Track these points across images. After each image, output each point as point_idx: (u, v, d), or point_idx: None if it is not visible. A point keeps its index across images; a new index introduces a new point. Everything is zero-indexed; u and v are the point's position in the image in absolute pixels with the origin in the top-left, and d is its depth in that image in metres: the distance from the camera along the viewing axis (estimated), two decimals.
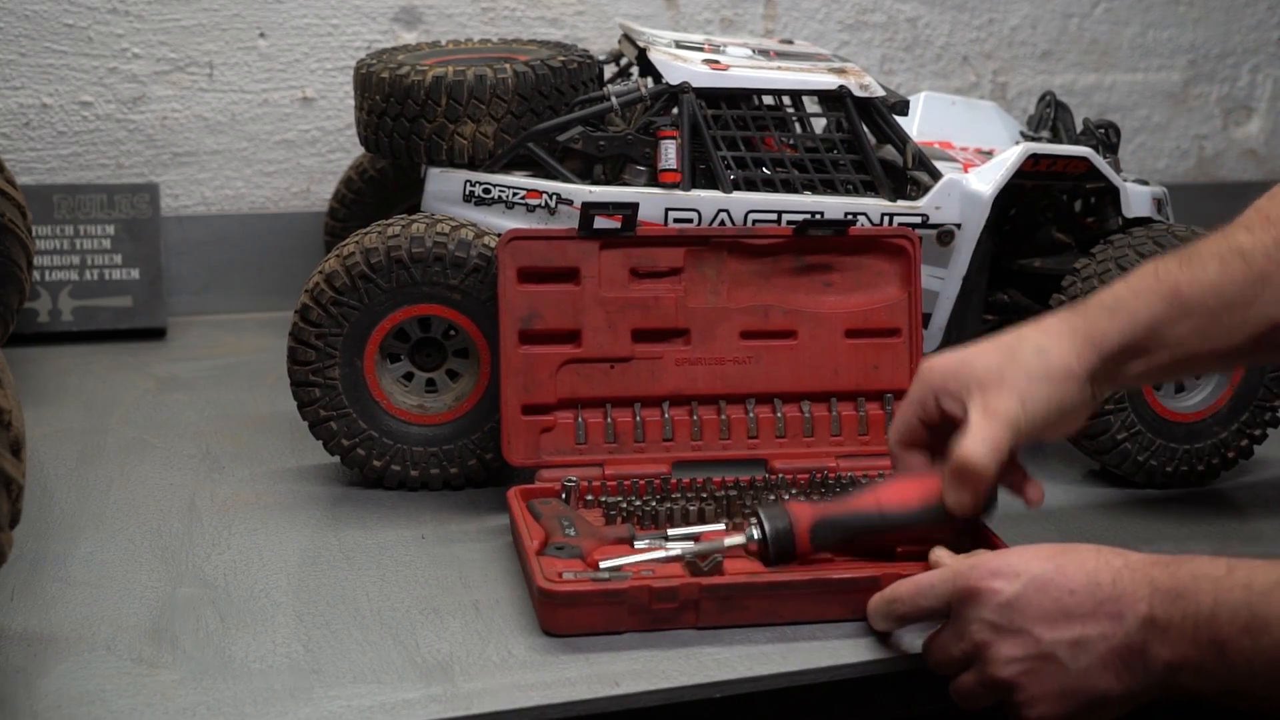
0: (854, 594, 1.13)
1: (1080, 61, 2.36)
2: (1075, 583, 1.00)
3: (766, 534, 1.13)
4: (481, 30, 2.01)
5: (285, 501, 1.35)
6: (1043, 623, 1.00)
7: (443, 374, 1.39)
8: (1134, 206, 1.55)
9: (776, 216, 1.42)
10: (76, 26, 1.85)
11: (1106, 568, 1.00)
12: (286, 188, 1.98)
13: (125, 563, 1.21)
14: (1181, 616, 0.96)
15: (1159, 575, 0.99)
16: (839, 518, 1.15)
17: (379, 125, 1.45)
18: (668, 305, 1.36)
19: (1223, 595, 0.94)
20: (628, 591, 1.10)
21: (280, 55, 1.94)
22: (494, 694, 1.02)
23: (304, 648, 1.08)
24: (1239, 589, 0.94)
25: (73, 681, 1.02)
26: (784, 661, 1.08)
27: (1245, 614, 0.93)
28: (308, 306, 1.34)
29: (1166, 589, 0.97)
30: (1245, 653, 0.93)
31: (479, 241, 1.34)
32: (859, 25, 2.21)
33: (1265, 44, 2.47)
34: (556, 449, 1.34)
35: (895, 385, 1.38)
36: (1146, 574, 0.99)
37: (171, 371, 1.72)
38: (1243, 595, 0.94)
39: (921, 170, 1.47)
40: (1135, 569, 1.00)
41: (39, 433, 1.45)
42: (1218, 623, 0.95)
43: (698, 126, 1.42)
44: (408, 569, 1.22)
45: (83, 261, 1.84)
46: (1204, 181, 2.47)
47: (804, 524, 1.14)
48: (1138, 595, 0.98)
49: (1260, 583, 0.94)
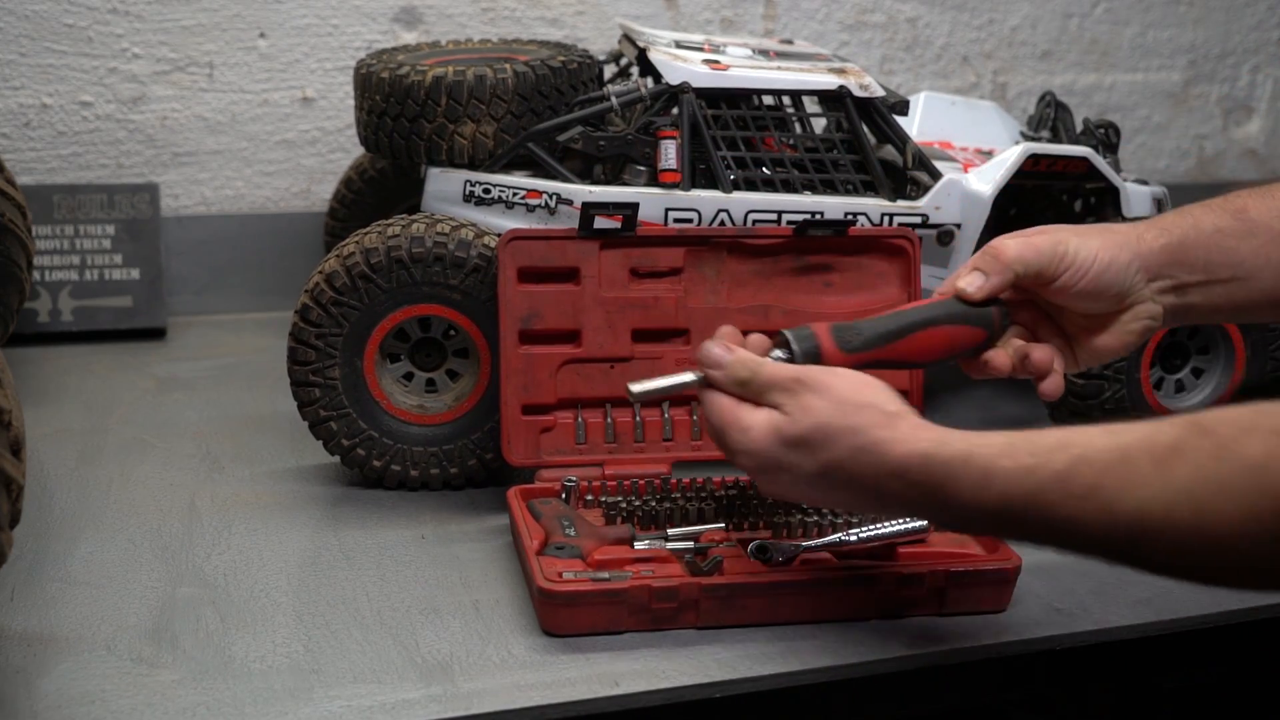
0: (854, 594, 1.13)
1: (1080, 61, 2.36)
2: (839, 482, 1.03)
3: (790, 341, 1.12)
4: (481, 30, 2.01)
5: (285, 501, 1.35)
6: (816, 500, 1.08)
7: (443, 374, 1.39)
8: (1134, 206, 1.55)
9: (776, 216, 1.42)
10: (76, 26, 1.85)
11: (867, 477, 1.01)
12: (286, 188, 1.98)
13: (125, 563, 1.21)
14: (937, 516, 1.05)
15: (917, 486, 0.99)
16: (857, 321, 1.15)
17: (379, 125, 1.45)
18: (668, 305, 1.36)
19: (983, 504, 0.97)
20: (628, 591, 1.10)
21: (280, 55, 1.94)
22: (494, 694, 1.02)
23: (304, 648, 1.08)
24: (996, 498, 0.96)
25: (73, 681, 1.02)
26: (784, 661, 1.08)
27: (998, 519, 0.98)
28: (308, 306, 1.34)
29: (927, 499, 1.00)
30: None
31: (479, 241, 1.34)
32: (859, 25, 2.21)
33: (1265, 44, 2.47)
34: (556, 449, 1.34)
35: (895, 384, 1.36)
36: (905, 483, 1.00)
37: (171, 371, 1.72)
38: (1000, 504, 0.96)
39: (921, 170, 1.47)
40: (893, 476, 1.00)
41: (39, 433, 1.45)
42: (974, 524, 1.04)
43: (698, 126, 1.42)
44: (408, 569, 1.22)
45: (83, 261, 1.84)
46: (1204, 181, 2.47)
47: (824, 329, 1.13)
48: (899, 501, 1.01)
49: (1016, 491, 0.95)
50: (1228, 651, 1.22)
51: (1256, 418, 0.87)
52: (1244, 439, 0.86)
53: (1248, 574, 0.89)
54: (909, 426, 1.01)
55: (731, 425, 1.07)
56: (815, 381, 1.04)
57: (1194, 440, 0.88)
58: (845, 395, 1.03)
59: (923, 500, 1.00)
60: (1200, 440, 0.88)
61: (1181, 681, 1.25)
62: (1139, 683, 1.22)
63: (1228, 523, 0.86)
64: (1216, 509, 0.86)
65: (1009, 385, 1.52)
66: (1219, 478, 0.86)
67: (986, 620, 1.15)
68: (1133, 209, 1.55)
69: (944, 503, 0.98)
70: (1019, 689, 1.16)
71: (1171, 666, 1.21)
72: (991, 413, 1.64)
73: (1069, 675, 1.15)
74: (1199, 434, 0.88)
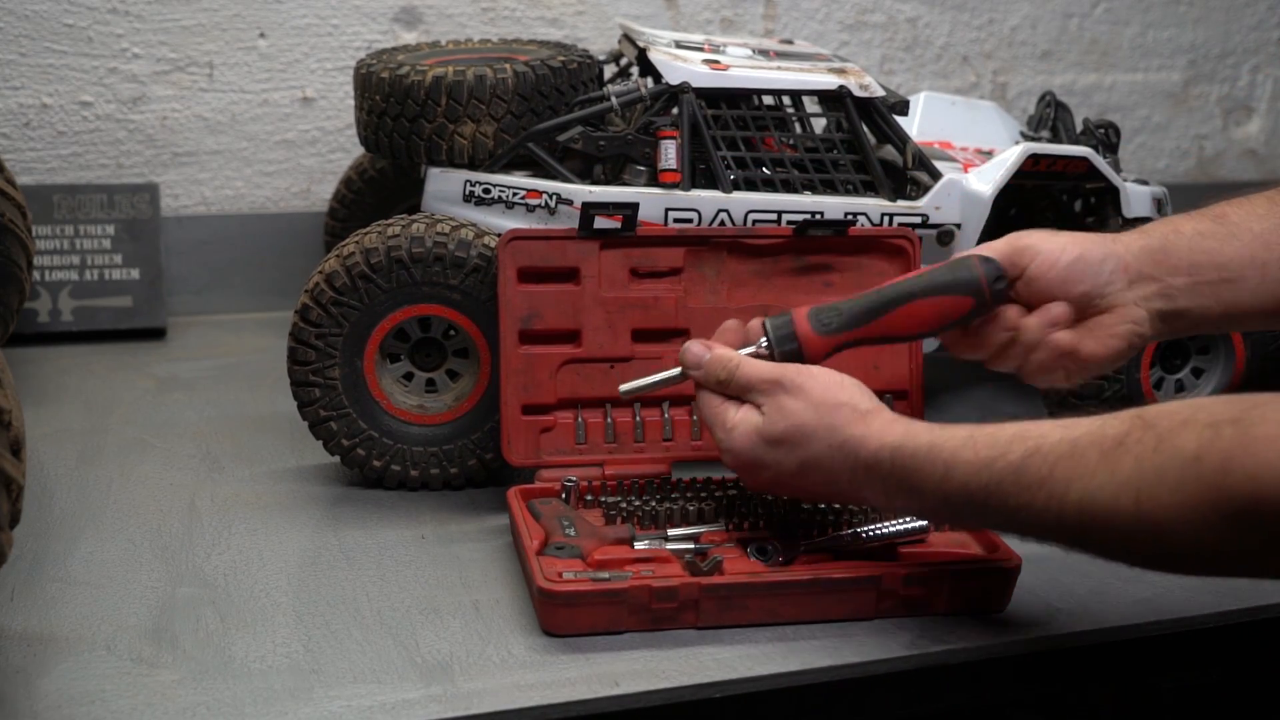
0: (854, 594, 1.13)
1: (1080, 61, 2.36)
2: (818, 479, 1.10)
3: (768, 330, 1.15)
4: (481, 30, 2.01)
5: (285, 501, 1.35)
6: (801, 493, 1.14)
7: (443, 374, 1.39)
8: (1134, 206, 1.55)
9: (776, 216, 1.42)
10: (76, 26, 1.85)
11: (842, 472, 1.08)
12: (286, 188, 1.98)
13: (125, 563, 1.21)
14: (909, 507, 1.09)
15: (888, 480, 1.06)
16: (839, 302, 1.17)
17: (379, 125, 1.45)
18: (668, 305, 1.36)
19: (948, 495, 1.03)
20: (628, 591, 1.10)
21: (280, 55, 1.94)
22: (494, 694, 1.02)
23: (304, 648, 1.08)
24: (957, 490, 1.02)
25: (73, 681, 1.02)
26: (784, 661, 1.08)
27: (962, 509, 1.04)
28: (308, 306, 1.34)
29: (898, 491, 1.06)
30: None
31: (479, 241, 1.34)
32: (859, 25, 2.21)
33: (1265, 44, 2.48)
34: (556, 449, 1.34)
35: (895, 385, 1.38)
36: (877, 477, 1.06)
37: (171, 371, 1.72)
38: (962, 495, 1.02)
39: (921, 170, 1.47)
40: (866, 470, 1.07)
41: (39, 433, 1.45)
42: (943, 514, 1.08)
43: (698, 126, 1.42)
44: (408, 569, 1.22)
45: (83, 261, 1.84)
46: (1204, 181, 2.47)
47: (801, 314, 1.16)
48: (875, 494, 1.08)
49: (975, 483, 1.01)
50: (1228, 651, 1.22)
51: (1194, 412, 0.92)
52: (1181, 431, 0.91)
53: (1190, 560, 0.94)
54: (881, 423, 1.08)
55: (717, 424, 1.14)
56: (791, 383, 1.11)
57: (1137, 433, 0.93)
58: (820, 396, 1.09)
59: (895, 491, 1.06)
60: (1143, 433, 0.93)
61: (1181, 681, 1.25)
62: (1139, 683, 1.22)
63: (1166, 511, 0.90)
64: (1156, 498, 0.91)
65: (1009, 385, 1.52)
66: (1157, 468, 0.91)
67: (986, 620, 1.15)
68: (1133, 209, 1.55)
69: (912, 492, 1.05)
70: (1019, 689, 1.16)
71: (1171, 666, 1.21)
72: (991, 413, 1.64)
73: (1069, 675, 1.15)
74: (1142, 427, 0.93)
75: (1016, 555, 1.16)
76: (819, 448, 1.08)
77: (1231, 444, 0.88)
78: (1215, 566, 0.96)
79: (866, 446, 1.06)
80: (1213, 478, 0.88)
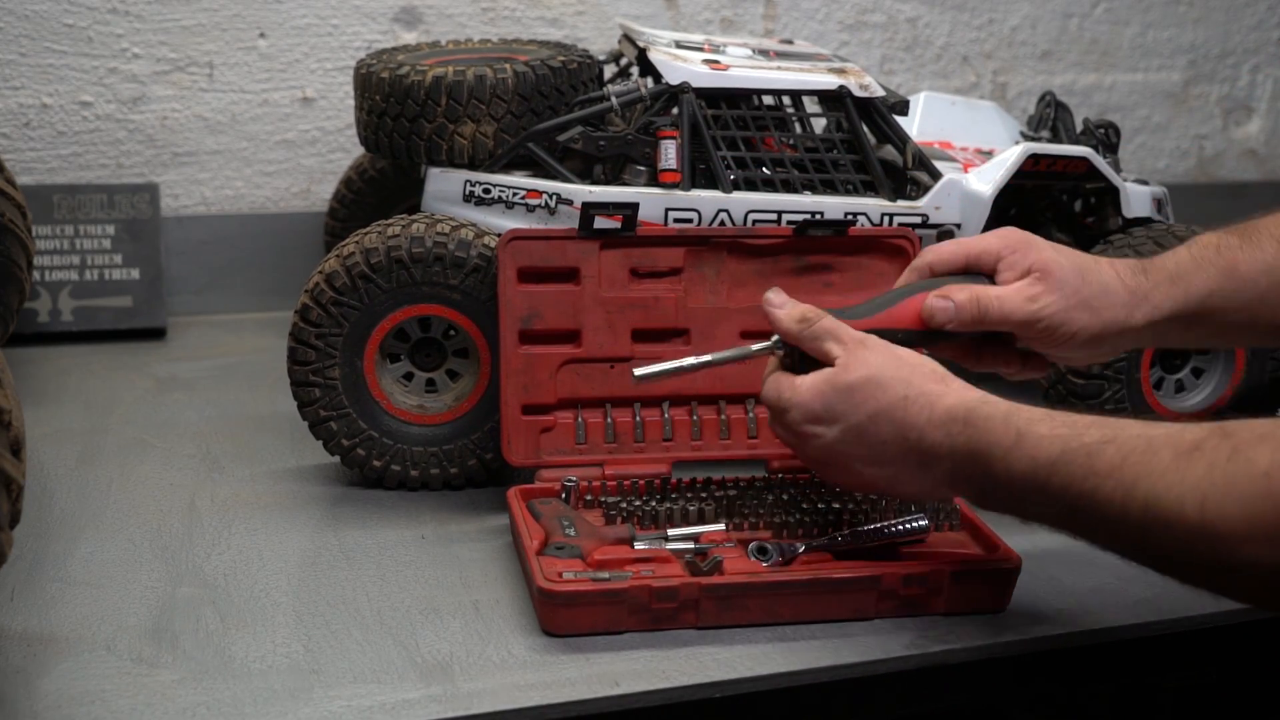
0: (854, 594, 1.13)
1: (1080, 61, 2.36)
2: (885, 433, 1.08)
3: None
4: (481, 30, 2.01)
5: (285, 501, 1.35)
6: (858, 462, 1.11)
7: (443, 374, 1.39)
8: (1134, 206, 1.55)
9: (776, 216, 1.42)
10: (76, 26, 1.85)
11: (913, 425, 1.07)
12: (286, 188, 1.98)
13: (125, 563, 1.21)
14: (971, 476, 1.06)
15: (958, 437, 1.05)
16: (850, 306, 1.19)
17: (379, 125, 1.45)
18: (668, 305, 1.36)
19: (1012, 464, 1.02)
20: (628, 591, 1.10)
21: (280, 55, 1.94)
22: (494, 694, 1.02)
23: (304, 648, 1.08)
24: (1025, 459, 1.01)
25: (73, 681, 1.02)
26: (784, 661, 1.08)
27: (1024, 484, 1.01)
28: (308, 306, 1.34)
29: (964, 451, 1.05)
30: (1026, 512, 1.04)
31: (479, 241, 1.34)
32: (859, 25, 2.21)
33: (1265, 44, 2.48)
34: (556, 449, 1.34)
35: None
36: (947, 433, 1.06)
37: (171, 371, 1.72)
38: (1029, 465, 1.01)
39: (921, 170, 1.47)
40: (937, 425, 1.06)
41: (39, 433, 1.45)
42: (1002, 489, 1.04)
43: (698, 126, 1.42)
44: (408, 569, 1.22)
45: (83, 261, 1.84)
46: (1204, 181, 2.47)
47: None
48: (939, 454, 1.06)
49: (1044, 456, 1.00)
50: (1228, 651, 1.22)
51: (1274, 429, 0.90)
52: (1258, 445, 0.89)
53: (1245, 579, 0.91)
54: (959, 385, 1.09)
55: (784, 384, 1.13)
56: (873, 341, 1.12)
57: (1214, 441, 0.92)
58: (900, 354, 1.11)
59: (961, 455, 1.05)
60: (1220, 442, 0.91)
61: (1181, 681, 1.25)
62: (1139, 683, 1.22)
63: (1229, 523, 0.88)
64: (1221, 508, 0.89)
65: (1009, 386, 1.52)
66: (1227, 478, 0.89)
67: (986, 620, 1.15)
68: (1132, 209, 1.55)
69: (977, 456, 1.04)
70: (1019, 689, 1.16)
71: (1171, 666, 1.21)
72: None
73: (1069, 675, 1.15)
74: (1220, 436, 0.92)
75: (1016, 555, 1.17)
76: (892, 397, 1.08)
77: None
78: (1269, 589, 0.91)
79: (944, 401, 1.06)
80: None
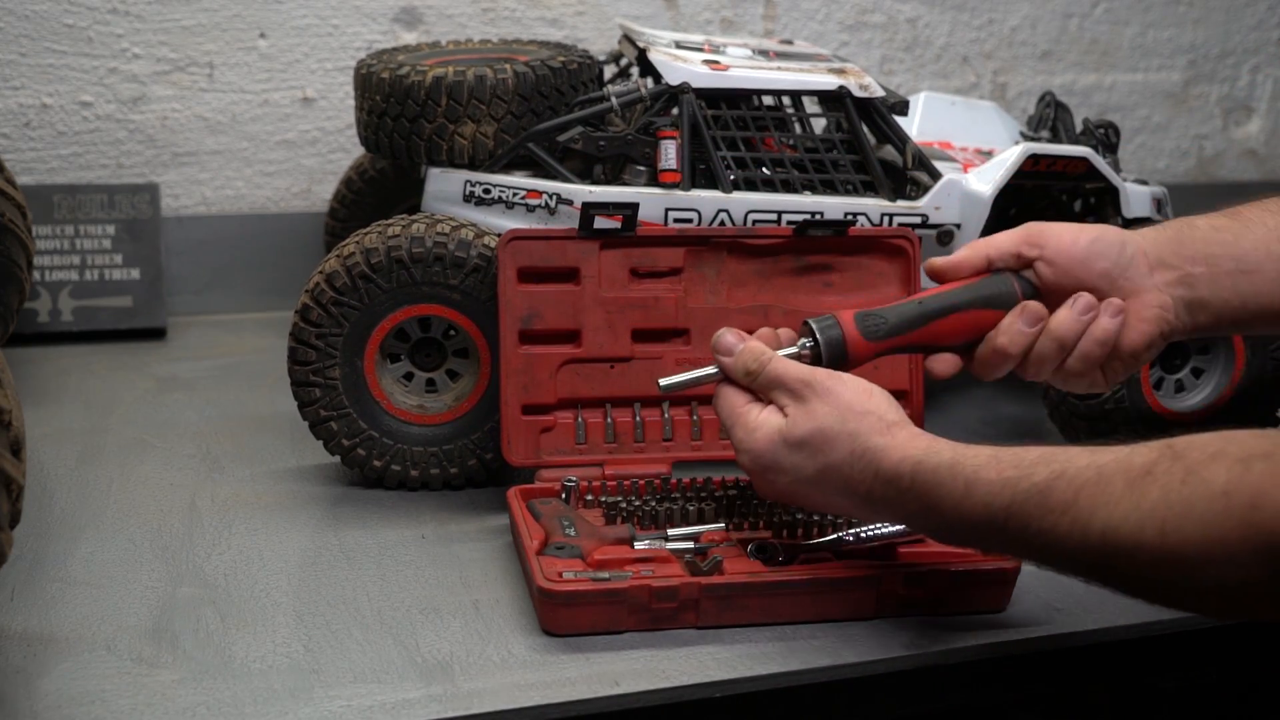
0: (854, 594, 1.13)
1: (1080, 61, 2.36)
2: (837, 486, 1.07)
3: (816, 333, 1.15)
4: (481, 30, 2.01)
5: (285, 501, 1.35)
6: (817, 500, 1.10)
7: (443, 374, 1.39)
8: (1134, 206, 1.55)
9: (776, 216, 1.42)
10: (76, 26, 1.85)
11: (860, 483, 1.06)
12: (286, 188, 1.98)
13: (125, 563, 1.21)
14: (927, 525, 1.05)
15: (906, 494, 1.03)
16: (881, 309, 1.17)
17: (379, 125, 1.45)
18: (668, 305, 1.36)
19: (965, 515, 1.00)
20: (628, 591, 1.10)
21: (280, 55, 1.94)
22: (494, 694, 1.02)
23: (304, 648, 1.08)
24: (978, 508, 0.99)
25: (73, 681, 1.02)
26: (784, 661, 1.08)
27: (982, 529, 1.00)
28: (308, 306, 1.34)
29: (915, 507, 1.03)
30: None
31: (479, 241, 1.34)
32: (859, 25, 2.21)
33: (1265, 44, 2.48)
34: (556, 449, 1.34)
35: (895, 384, 1.37)
36: (896, 490, 1.03)
37: (171, 371, 1.72)
38: (983, 513, 0.99)
39: (921, 170, 1.47)
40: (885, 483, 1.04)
41: (39, 433, 1.45)
42: (959, 534, 1.03)
43: (698, 126, 1.42)
44: (408, 569, 1.22)
45: (83, 261, 1.84)
46: (1204, 181, 2.47)
47: (848, 317, 1.15)
48: (892, 507, 1.05)
49: (997, 503, 0.98)
50: (1227, 651, 1.22)
51: (1224, 444, 0.89)
52: (1211, 465, 0.88)
53: (1214, 597, 0.90)
54: (905, 435, 1.05)
55: (738, 423, 1.11)
56: (821, 386, 1.08)
57: (1165, 464, 0.91)
58: (848, 402, 1.07)
59: (912, 507, 1.03)
60: (1171, 464, 0.90)
61: (1181, 681, 1.25)
62: (1138, 683, 1.22)
63: (1191, 545, 0.88)
64: (1182, 531, 0.88)
65: (1009, 385, 1.52)
66: (1184, 501, 0.88)
67: (986, 620, 1.16)
68: (1132, 209, 1.55)
69: (930, 509, 1.02)
70: (1019, 689, 1.16)
71: (1171, 666, 1.21)
72: (991, 413, 1.64)
73: (1069, 675, 1.15)
74: (1171, 458, 0.91)
75: None
76: (840, 455, 1.06)
77: (1262, 479, 0.86)
78: (1239, 605, 0.92)
79: (889, 457, 1.04)
80: (1242, 513, 0.85)
